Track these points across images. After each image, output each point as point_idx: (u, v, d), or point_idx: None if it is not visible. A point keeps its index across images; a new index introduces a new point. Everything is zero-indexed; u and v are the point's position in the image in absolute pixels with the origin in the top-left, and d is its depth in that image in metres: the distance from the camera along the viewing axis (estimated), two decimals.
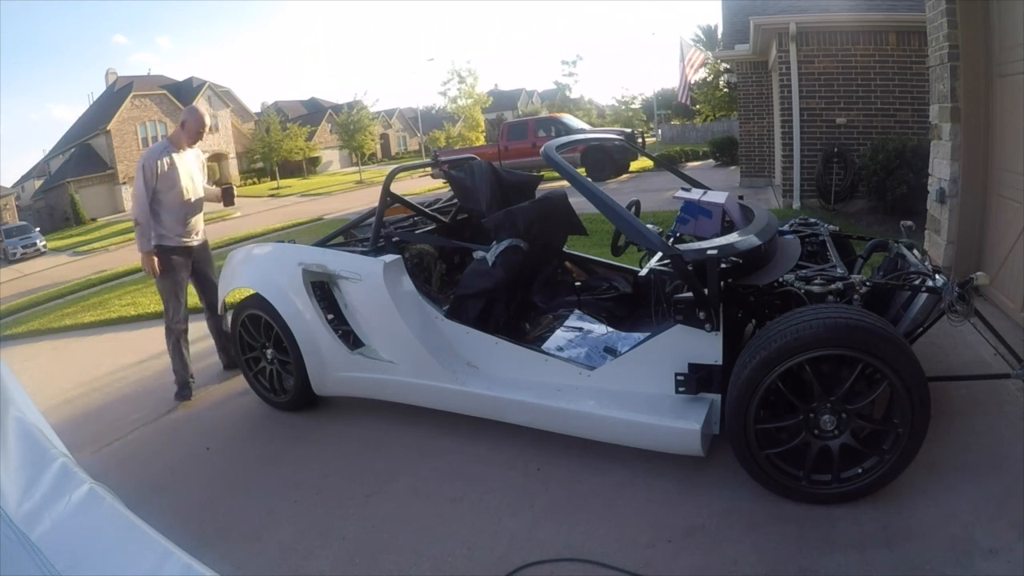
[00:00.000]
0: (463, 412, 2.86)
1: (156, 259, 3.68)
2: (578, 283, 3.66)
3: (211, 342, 4.28)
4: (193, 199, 3.80)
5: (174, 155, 3.70)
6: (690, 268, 2.23)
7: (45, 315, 7.72)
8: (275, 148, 33.92)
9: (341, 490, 2.64)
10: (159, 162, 3.63)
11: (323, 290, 3.21)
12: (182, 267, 3.82)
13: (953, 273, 3.92)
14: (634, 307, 3.34)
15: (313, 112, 48.99)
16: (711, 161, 17.37)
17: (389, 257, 2.99)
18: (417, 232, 3.65)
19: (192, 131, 3.79)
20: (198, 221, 3.91)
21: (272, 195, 28.71)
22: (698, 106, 26.30)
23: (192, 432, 3.42)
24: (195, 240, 3.89)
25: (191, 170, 3.80)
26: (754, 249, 2.42)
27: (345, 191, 25.93)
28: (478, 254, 3.10)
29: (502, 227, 3.07)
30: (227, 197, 4.01)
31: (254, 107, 47.32)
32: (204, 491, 2.78)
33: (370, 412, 3.27)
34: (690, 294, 2.22)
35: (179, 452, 3.21)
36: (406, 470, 2.74)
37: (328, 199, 22.84)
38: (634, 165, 16.75)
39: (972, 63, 3.85)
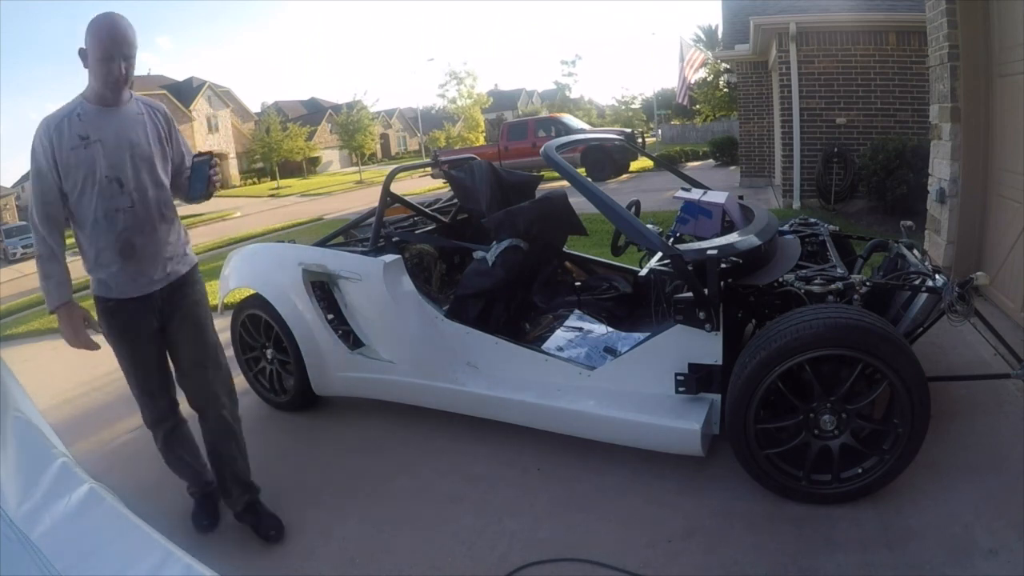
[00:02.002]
0: (463, 412, 2.86)
1: (80, 321, 2.08)
2: (578, 283, 3.66)
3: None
4: (147, 200, 2.08)
5: (90, 118, 2.00)
6: (690, 268, 2.24)
7: (45, 315, 7.71)
8: (275, 148, 33.90)
9: (341, 490, 2.64)
10: (52, 137, 1.96)
11: (323, 290, 3.21)
12: (141, 330, 2.17)
13: (953, 273, 3.92)
14: (634, 307, 3.34)
15: (313, 112, 49.00)
16: (711, 161, 17.37)
17: (389, 257, 2.99)
18: (417, 232, 3.65)
19: (101, 74, 1.96)
20: (164, 243, 2.16)
21: (272, 195, 28.71)
22: (698, 106, 26.28)
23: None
24: (158, 281, 2.16)
25: (131, 142, 2.05)
26: (754, 249, 2.42)
27: (345, 191, 25.93)
28: (478, 254, 3.10)
29: (502, 227, 3.07)
30: (195, 184, 2.15)
31: (254, 107, 47.42)
32: None
33: (370, 412, 3.27)
34: (690, 294, 2.23)
35: None
36: (406, 470, 2.73)
37: (328, 199, 22.84)
38: (634, 165, 16.74)
39: (972, 63, 3.85)
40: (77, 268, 2.13)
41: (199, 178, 2.14)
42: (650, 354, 2.43)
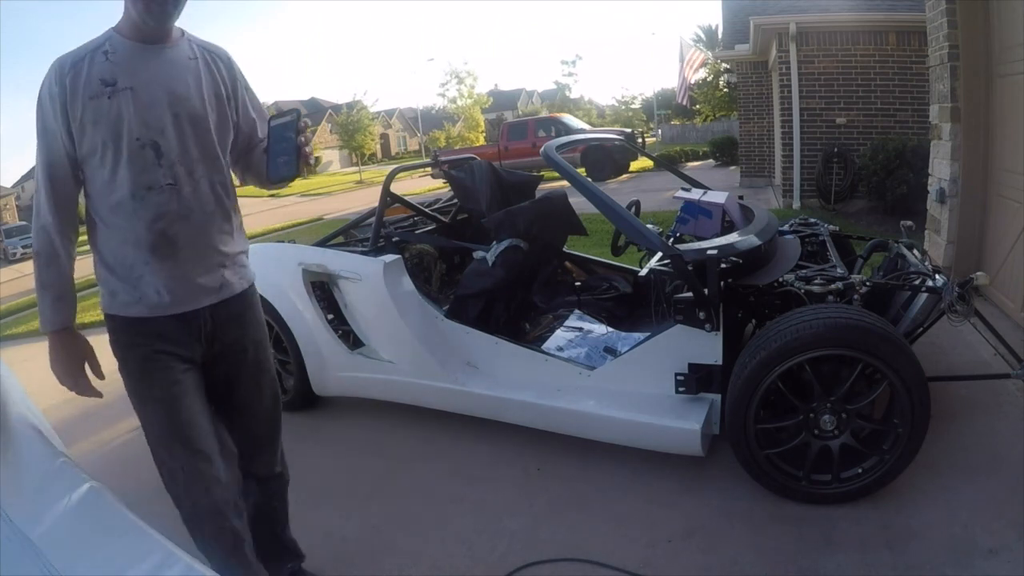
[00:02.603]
0: (463, 412, 2.86)
1: (78, 361, 1.54)
2: (578, 283, 3.66)
3: None
4: (195, 176, 1.52)
5: (122, 57, 1.46)
6: (690, 268, 2.24)
7: None
8: None
9: (341, 490, 2.64)
10: (66, 82, 1.41)
11: (323, 290, 3.21)
12: (175, 366, 1.54)
13: (953, 273, 3.92)
14: (634, 307, 3.34)
15: (313, 112, 48.87)
16: (711, 161, 17.37)
17: (389, 257, 2.99)
18: (417, 232, 3.65)
19: None
20: (216, 239, 1.58)
21: (272, 195, 28.66)
22: (698, 106, 26.29)
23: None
24: (208, 292, 1.57)
25: (175, 94, 1.50)
26: (754, 249, 2.42)
27: (345, 191, 25.93)
28: (478, 254, 3.10)
29: (502, 227, 3.07)
30: (276, 158, 1.50)
31: None
32: None
33: (370, 412, 3.27)
34: (690, 294, 2.23)
35: None
36: (406, 470, 2.73)
37: (328, 199, 22.84)
38: (634, 165, 16.75)
39: (972, 63, 3.85)
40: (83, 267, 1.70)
41: (283, 149, 1.44)
42: (650, 354, 2.43)
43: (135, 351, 1.54)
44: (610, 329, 3.05)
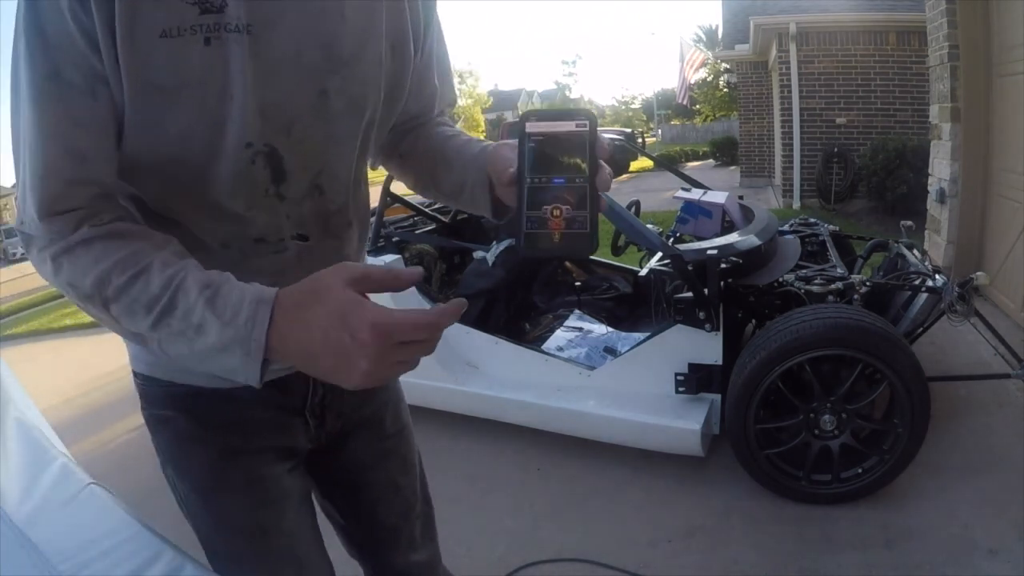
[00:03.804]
0: (463, 412, 2.86)
1: (344, 300, 0.54)
2: (578, 283, 3.66)
3: None
4: (343, 220, 0.82)
5: None
6: (690, 268, 2.24)
7: (45, 315, 7.72)
8: None
9: None
10: None
11: None
12: (264, 480, 0.89)
13: (953, 273, 3.92)
14: (634, 307, 3.34)
15: None
16: (711, 161, 17.37)
17: (389, 257, 2.99)
18: (417, 232, 3.65)
19: None
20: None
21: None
22: (698, 106, 26.29)
23: None
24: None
25: (333, 47, 0.67)
26: (754, 249, 2.42)
27: None
28: (478, 254, 3.11)
29: (502, 226, 3.07)
30: (548, 217, 0.55)
31: None
32: None
33: None
34: (690, 294, 2.23)
35: None
36: None
37: None
38: (634, 165, 16.76)
39: (972, 63, 3.85)
40: None
41: (557, 194, 0.58)
42: (650, 354, 2.43)
43: (200, 449, 0.87)
44: (610, 329, 3.05)
